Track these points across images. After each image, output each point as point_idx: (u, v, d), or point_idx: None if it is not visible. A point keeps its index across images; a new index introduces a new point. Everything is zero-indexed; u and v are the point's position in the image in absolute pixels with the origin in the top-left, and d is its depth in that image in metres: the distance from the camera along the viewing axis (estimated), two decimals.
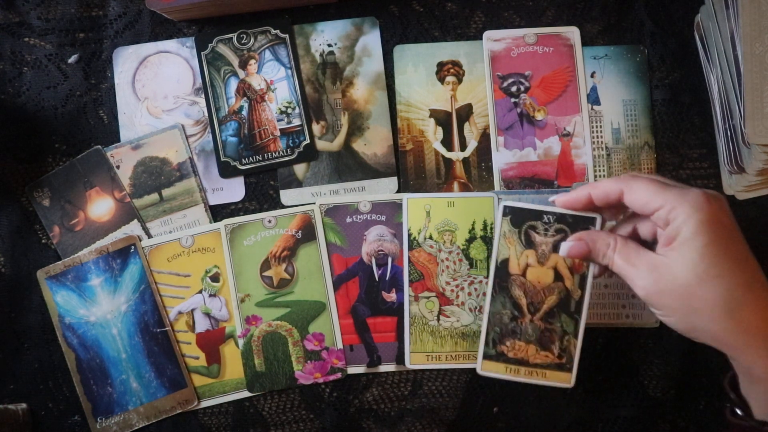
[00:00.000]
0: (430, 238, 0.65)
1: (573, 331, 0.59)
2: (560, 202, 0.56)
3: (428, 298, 0.64)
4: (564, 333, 0.59)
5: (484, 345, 0.60)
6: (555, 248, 0.58)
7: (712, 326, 0.47)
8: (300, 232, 0.65)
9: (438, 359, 0.64)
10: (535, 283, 0.59)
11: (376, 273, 0.65)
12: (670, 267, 0.48)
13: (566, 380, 0.59)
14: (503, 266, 0.60)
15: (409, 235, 0.65)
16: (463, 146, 0.67)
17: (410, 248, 0.65)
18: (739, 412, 0.50)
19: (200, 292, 0.65)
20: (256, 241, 0.65)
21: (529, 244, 0.59)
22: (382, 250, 0.65)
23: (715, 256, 0.46)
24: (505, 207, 0.59)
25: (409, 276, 0.64)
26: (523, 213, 0.59)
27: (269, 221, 0.65)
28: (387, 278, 0.65)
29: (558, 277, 0.59)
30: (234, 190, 0.67)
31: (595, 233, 0.54)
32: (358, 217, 0.65)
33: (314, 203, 0.66)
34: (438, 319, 0.64)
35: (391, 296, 0.65)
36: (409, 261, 0.64)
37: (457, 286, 0.64)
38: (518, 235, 0.59)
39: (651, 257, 0.49)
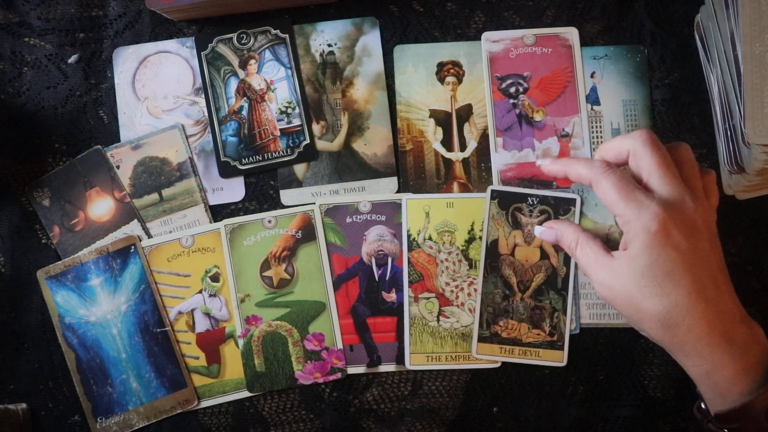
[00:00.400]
0: (430, 239, 0.65)
1: (562, 307, 0.63)
2: (544, 167, 0.58)
3: (428, 298, 0.64)
4: (554, 310, 0.63)
5: (479, 327, 0.63)
6: None
7: (652, 333, 0.51)
8: (300, 232, 0.65)
9: (438, 360, 0.64)
10: (523, 262, 0.64)
11: (376, 273, 0.65)
12: (620, 275, 0.50)
13: (559, 359, 0.63)
14: (493, 247, 0.64)
15: (409, 236, 0.65)
16: (462, 147, 0.67)
17: (409, 249, 0.65)
18: (703, 406, 0.53)
19: (200, 292, 0.65)
20: (256, 241, 0.65)
21: (516, 224, 0.64)
22: (382, 250, 0.65)
23: (657, 277, 0.49)
24: (493, 191, 0.64)
25: (409, 277, 0.64)
26: (509, 196, 0.64)
27: (269, 221, 0.65)
28: (387, 278, 0.65)
29: (544, 255, 0.64)
30: (234, 190, 0.67)
31: (566, 226, 0.57)
32: (358, 217, 0.65)
33: (314, 203, 0.66)
34: (438, 320, 0.64)
35: (391, 296, 0.65)
36: (409, 262, 0.64)
37: (456, 286, 0.64)
38: (506, 217, 0.64)
39: (607, 261, 0.52)
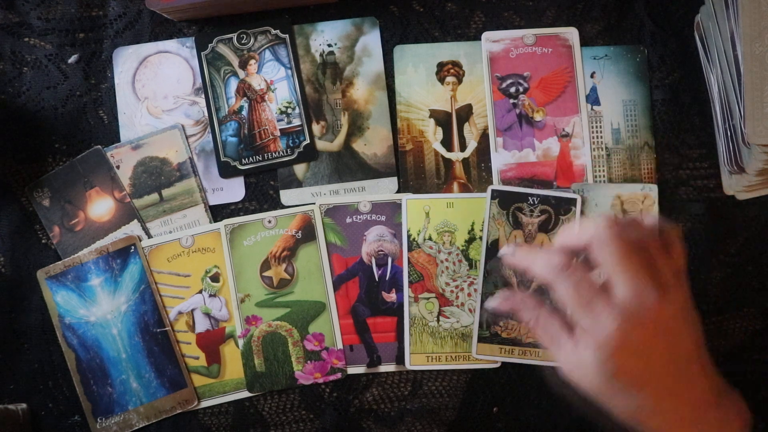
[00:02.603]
0: (430, 239, 0.65)
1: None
2: (506, 258, 0.53)
3: (428, 299, 0.64)
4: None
5: (479, 327, 0.63)
6: (541, 228, 0.64)
7: (622, 421, 0.49)
8: (300, 232, 0.65)
9: (438, 360, 0.64)
10: None
11: (376, 273, 0.65)
12: (586, 370, 0.48)
13: None
14: (493, 247, 0.64)
15: (409, 236, 0.65)
16: (462, 147, 0.67)
17: (409, 249, 0.65)
18: None
19: (200, 292, 0.65)
20: (256, 241, 0.65)
21: (517, 224, 0.64)
22: (382, 251, 0.65)
23: (621, 383, 0.47)
24: (493, 191, 0.64)
25: (409, 277, 0.64)
26: (510, 195, 0.64)
27: (269, 221, 0.65)
28: (387, 278, 0.65)
29: None
30: (234, 190, 0.67)
31: (525, 301, 0.52)
32: (358, 217, 0.65)
33: (314, 203, 0.66)
34: (438, 320, 0.64)
35: (391, 296, 0.65)
36: (409, 262, 0.64)
37: (456, 287, 0.64)
38: (506, 217, 0.64)
39: (570, 351, 0.48)
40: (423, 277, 0.64)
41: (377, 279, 0.65)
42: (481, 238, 0.64)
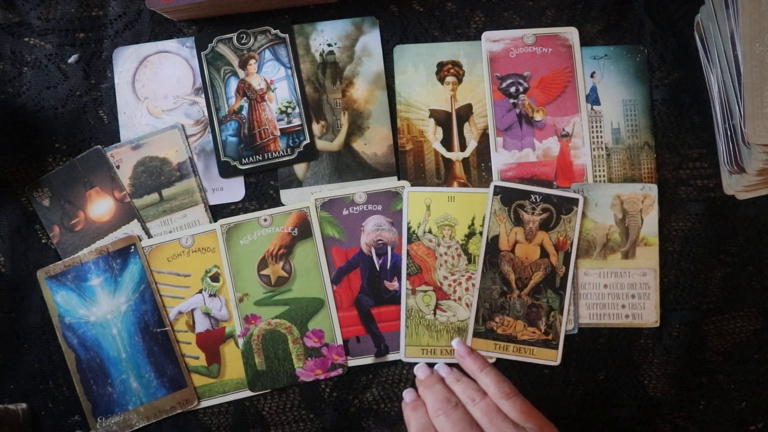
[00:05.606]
0: (430, 232, 0.65)
1: (558, 307, 0.63)
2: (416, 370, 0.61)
3: (425, 291, 0.64)
4: (550, 309, 0.63)
5: (474, 322, 0.64)
6: (541, 226, 0.64)
7: None
8: (296, 229, 0.65)
9: (433, 353, 0.64)
10: (523, 259, 0.64)
11: (377, 263, 0.65)
12: None
13: (553, 357, 0.64)
14: (493, 242, 0.64)
15: (409, 228, 0.65)
16: (462, 146, 0.67)
17: (409, 241, 0.65)
18: None
19: (200, 292, 0.65)
20: (253, 240, 0.65)
21: (518, 221, 0.64)
22: (381, 240, 0.65)
23: None
24: (496, 187, 0.64)
25: (407, 269, 0.64)
26: (512, 192, 0.64)
27: (265, 220, 0.65)
28: (388, 267, 0.65)
29: (544, 253, 0.64)
30: (234, 190, 0.67)
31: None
32: (355, 208, 0.65)
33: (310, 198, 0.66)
34: (434, 313, 0.64)
35: (394, 285, 0.65)
36: (408, 254, 0.64)
37: (454, 281, 0.64)
38: (508, 213, 0.64)
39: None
40: (421, 270, 0.64)
41: (378, 268, 0.65)
42: (480, 233, 0.64)
